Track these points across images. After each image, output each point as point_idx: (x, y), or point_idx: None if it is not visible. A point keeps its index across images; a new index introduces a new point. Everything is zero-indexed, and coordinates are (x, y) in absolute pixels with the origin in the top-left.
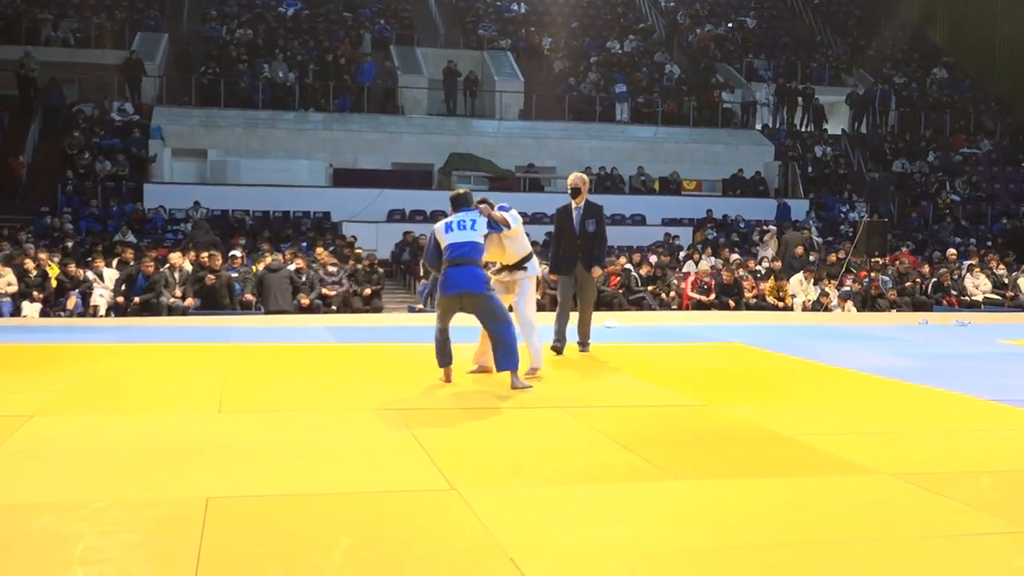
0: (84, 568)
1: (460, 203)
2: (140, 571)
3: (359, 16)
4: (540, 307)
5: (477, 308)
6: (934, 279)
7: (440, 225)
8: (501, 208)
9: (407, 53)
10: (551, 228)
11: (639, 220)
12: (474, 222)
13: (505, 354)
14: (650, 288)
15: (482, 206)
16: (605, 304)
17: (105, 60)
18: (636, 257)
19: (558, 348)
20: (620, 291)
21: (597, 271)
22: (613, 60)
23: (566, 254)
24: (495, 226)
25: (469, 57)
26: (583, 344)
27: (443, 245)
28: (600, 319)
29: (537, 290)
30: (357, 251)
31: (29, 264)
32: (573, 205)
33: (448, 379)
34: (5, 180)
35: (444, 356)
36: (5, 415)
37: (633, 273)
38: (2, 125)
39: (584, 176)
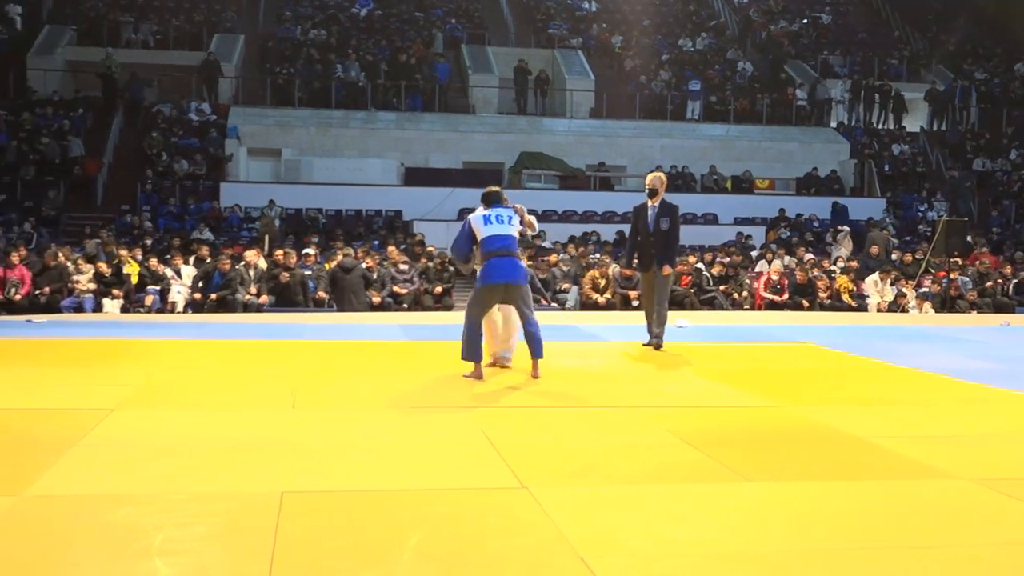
0: (163, 559)
1: (493, 199)
2: (216, 563)
3: (431, 16)
4: (610, 306)
5: (517, 298)
6: (1016, 280)
7: (478, 216)
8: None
9: (478, 52)
10: (622, 227)
11: (711, 219)
12: (511, 218)
13: (540, 343)
14: (722, 288)
15: (516, 205)
16: (676, 303)
17: (183, 61)
18: (708, 256)
19: (655, 344)
20: (691, 290)
21: (668, 269)
22: (685, 58)
23: (640, 252)
24: (522, 226)
25: (540, 56)
26: (657, 339)
27: (480, 237)
28: (671, 318)
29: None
30: (429, 249)
31: (101, 265)
32: (649, 204)
33: (480, 375)
34: (88, 180)
35: (476, 350)
36: (87, 409)
37: (704, 272)
38: (85, 125)
39: (662, 176)
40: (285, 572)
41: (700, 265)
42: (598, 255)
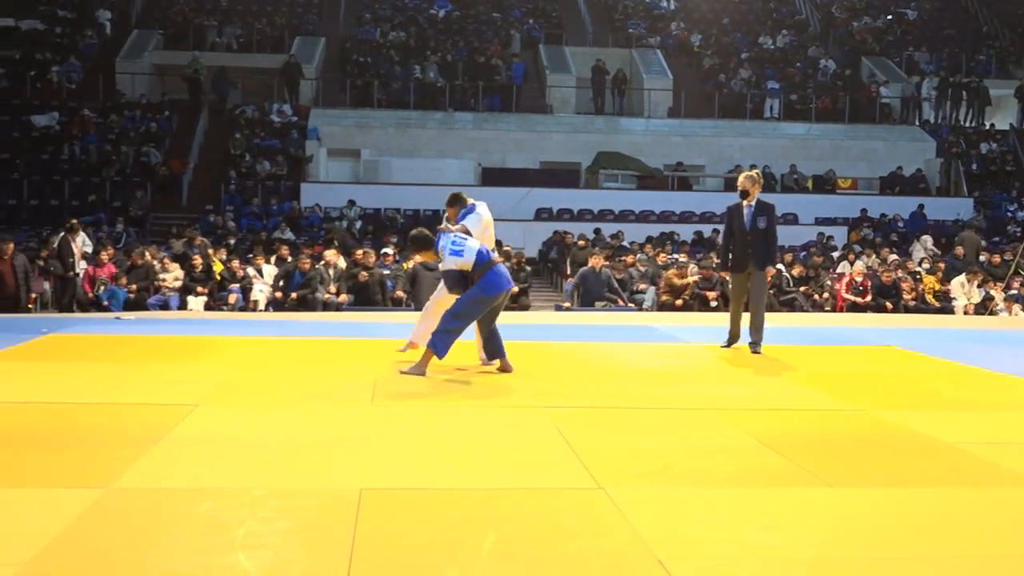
0: (245, 552)
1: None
2: (296, 558)
3: (508, 16)
4: (687, 307)
5: (503, 303)
6: None
7: (449, 250)
8: (470, 209)
9: (556, 52)
10: (701, 227)
11: (791, 219)
12: (453, 239)
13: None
14: (802, 289)
15: (440, 227)
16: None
17: (265, 64)
18: (788, 257)
19: (754, 349)
20: (771, 292)
21: (770, 271)
22: (765, 56)
23: (737, 252)
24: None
25: (617, 55)
26: (755, 344)
27: (470, 257)
28: (747, 320)
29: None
30: (506, 249)
31: (196, 260)
32: (744, 203)
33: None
34: (174, 180)
35: (446, 348)
36: (172, 404)
37: (784, 273)
38: (171, 127)
39: (753, 175)
40: (364, 568)
41: (780, 266)
42: (676, 256)
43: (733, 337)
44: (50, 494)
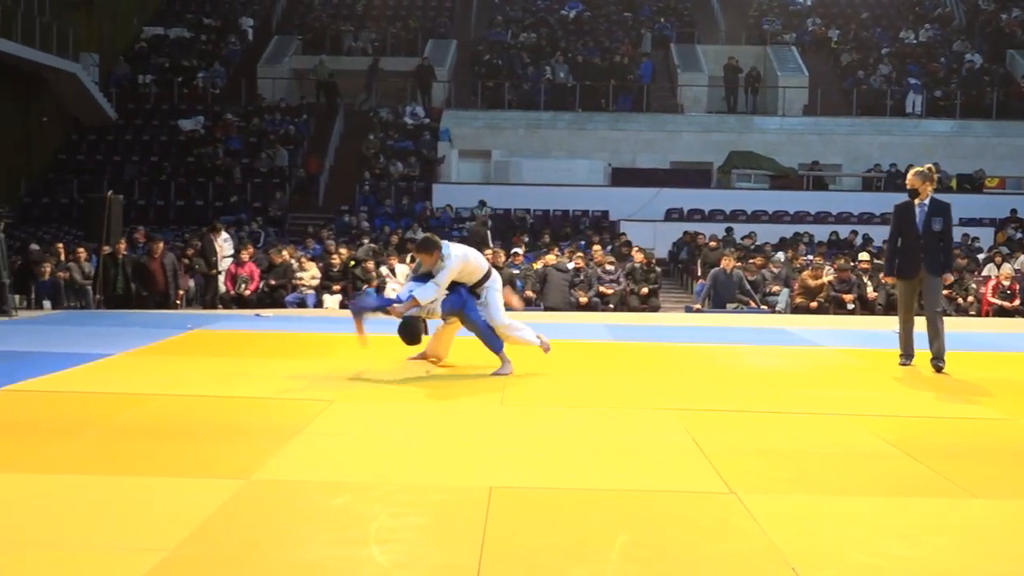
0: (378, 546)
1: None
2: (428, 553)
3: (639, 15)
4: (822, 310)
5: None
6: None
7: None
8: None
9: (687, 51)
10: (837, 228)
11: None
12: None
13: None
14: (946, 292)
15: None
16: (894, 308)
17: (399, 67)
18: None
19: (905, 364)
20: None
21: (948, 277)
22: (906, 51)
23: (907, 256)
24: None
25: (751, 53)
26: (937, 359)
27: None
28: (891, 323)
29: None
30: (636, 251)
31: (334, 259)
32: (916, 203)
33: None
34: (311, 182)
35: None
36: (310, 399)
37: None
38: (309, 130)
39: (924, 170)
40: (494, 565)
41: None
42: (811, 257)
43: (908, 353)
44: (194, 484)
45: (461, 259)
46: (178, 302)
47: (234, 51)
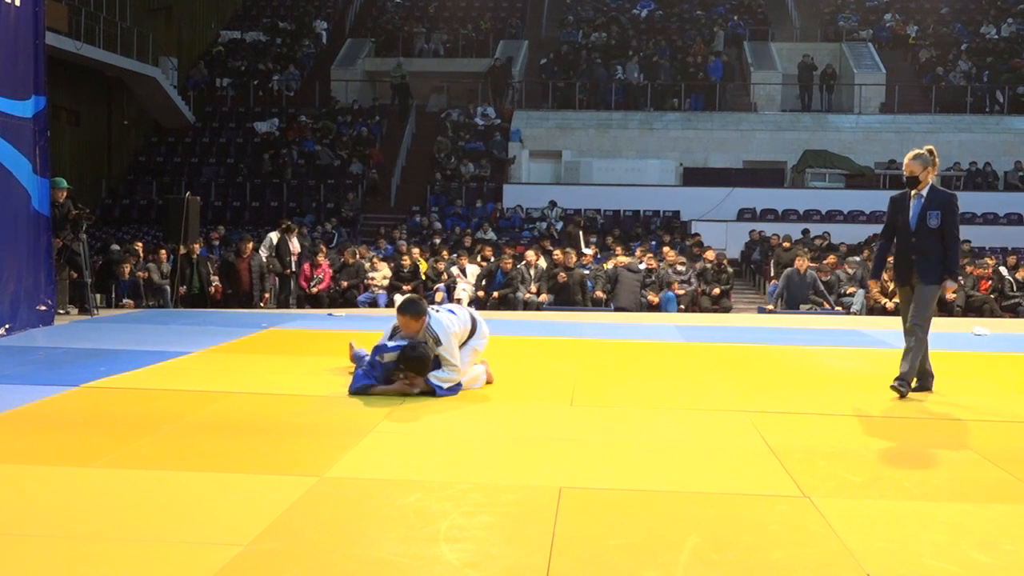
0: (449, 545)
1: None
2: (499, 553)
3: (712, 14)
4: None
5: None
6: None
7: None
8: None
9: (761, 49)
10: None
11: (1015, 219)
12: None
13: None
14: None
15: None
16: (975, 310)
17: (470, 68)
18: (1011, 260)
19: (898, 389)
20: (992, 296)
21: (950, 285)
22: (988, 46)
23: (898, 258)
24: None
25: (826, 50)
26: (900, 380)
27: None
28: (968, 325)
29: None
30: (707, 251)
31: (405, 260)
32: (912, 194)
33: None
34: (383, 182)
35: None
36: (380, 397)
37: (1007, 277)
38: (381, 132)
39: (924, 153)
40: (564, 565)
41: (1002, 269)
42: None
43: (917, 376)
44: (268, 480)
45: (449, 334)
46: (263, 304)
47: (308, 54)
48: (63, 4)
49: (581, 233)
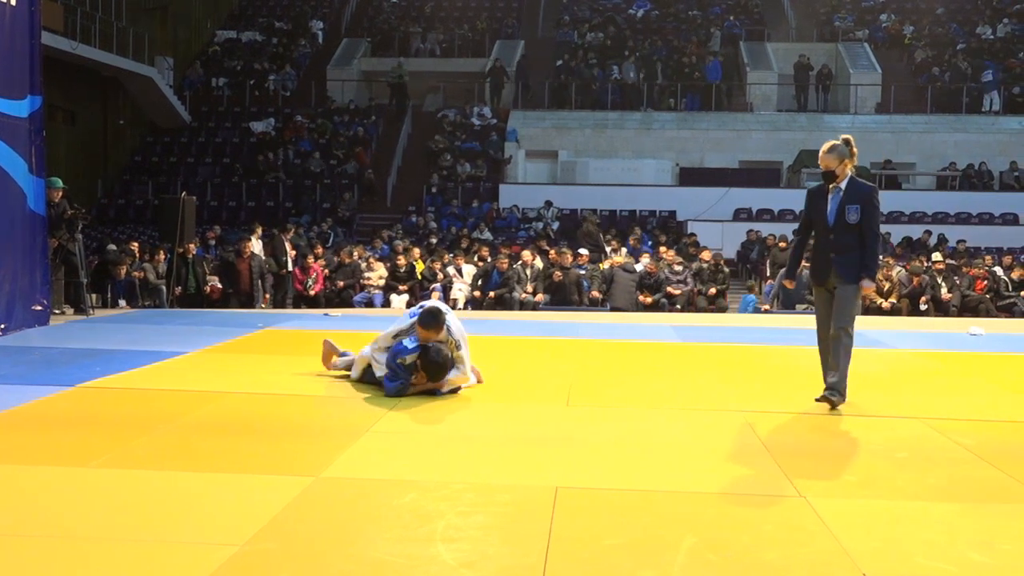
0: (445, 545)
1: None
2: (495, 553)
3: (708, 14)
4: (895, 311)
5: None
6: None
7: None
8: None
9: (757, 49)
10: (909, 228)
11: (1010, 219)
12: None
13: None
14: (1022, 293)
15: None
16: (970, 310)
17: (466, 68)
18: (1007, 260)
19: (829, 398)
20: (988, 296)
21: (868, 286)
22: (984, 46)
23: (816, 255)
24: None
25: (822, 50)
26: (831, 390)
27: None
28: (964, 325)
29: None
30: (704, 251)
31: (400, 260)
32: (830, 187)
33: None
34: (379, 183)
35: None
36: (376, 398)
37: (1002, 277)
38: (377, 132)
39: (840, 144)
40: (560, 565)
41: (998, 269)
42: (883, 257)
43: (830, 387)
44: (264, 480)
45: (466, 339)
46: (263, 304)
47: (304, 54)
48: (59, 3)
49: (599, 231)
